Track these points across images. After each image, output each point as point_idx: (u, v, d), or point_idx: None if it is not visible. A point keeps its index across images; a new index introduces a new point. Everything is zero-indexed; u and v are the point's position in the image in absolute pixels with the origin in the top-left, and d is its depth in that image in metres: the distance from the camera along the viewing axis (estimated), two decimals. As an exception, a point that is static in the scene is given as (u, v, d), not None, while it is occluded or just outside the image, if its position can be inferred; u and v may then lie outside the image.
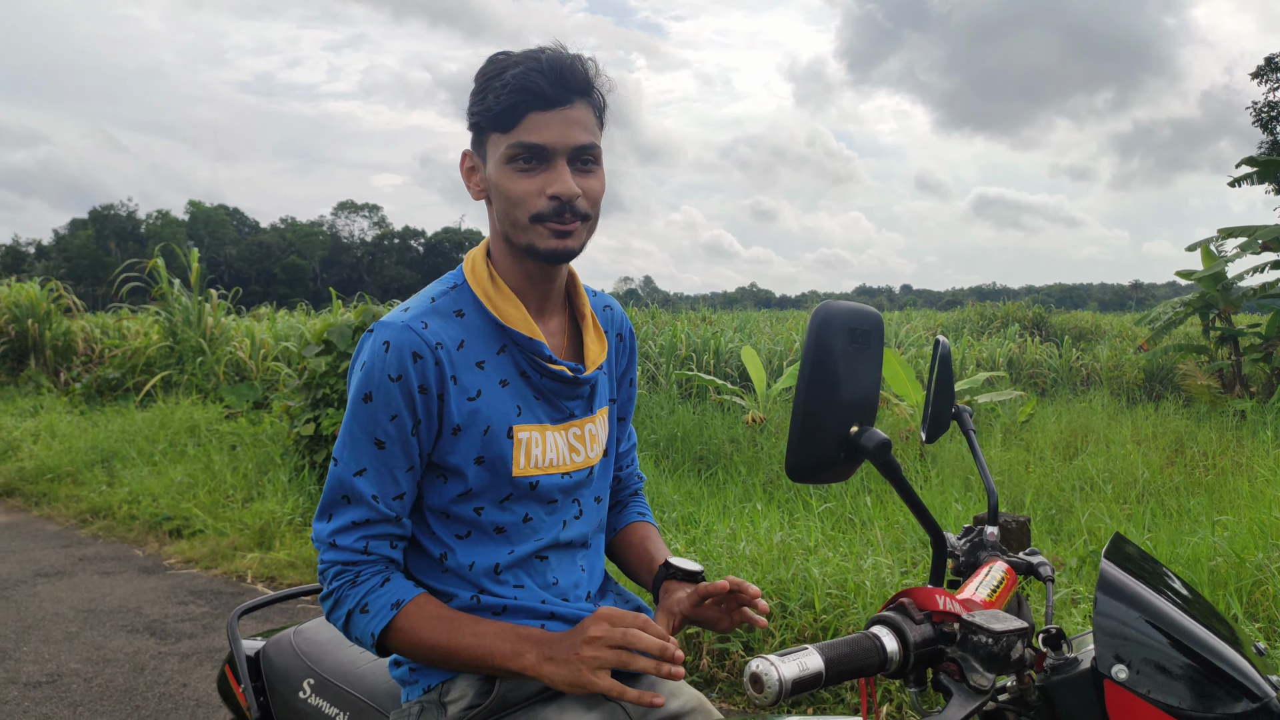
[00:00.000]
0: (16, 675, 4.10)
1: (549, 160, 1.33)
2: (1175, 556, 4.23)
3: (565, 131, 1.32)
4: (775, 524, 4.82)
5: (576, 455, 1.48)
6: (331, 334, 7.10)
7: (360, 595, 1.35)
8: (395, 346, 1.33)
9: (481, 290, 1.42)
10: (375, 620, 1.33)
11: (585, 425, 1.49)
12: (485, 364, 1.40)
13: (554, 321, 1.49)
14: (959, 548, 1.42)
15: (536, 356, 1.41)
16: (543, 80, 1.30)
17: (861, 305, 1.06)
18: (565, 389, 1.45)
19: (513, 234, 1.38)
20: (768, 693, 0.93)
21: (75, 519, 7.20)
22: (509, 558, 1.42)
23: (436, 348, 1.35)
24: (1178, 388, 11.18)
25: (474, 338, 1.40)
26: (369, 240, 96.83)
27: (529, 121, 1.32)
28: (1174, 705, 0.97)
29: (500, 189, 1.36)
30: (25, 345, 14.39)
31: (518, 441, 1.40)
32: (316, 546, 1.39)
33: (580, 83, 1.34)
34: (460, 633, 1.33)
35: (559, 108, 1.32)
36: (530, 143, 1.32)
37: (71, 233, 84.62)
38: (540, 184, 1.33)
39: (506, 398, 1.40)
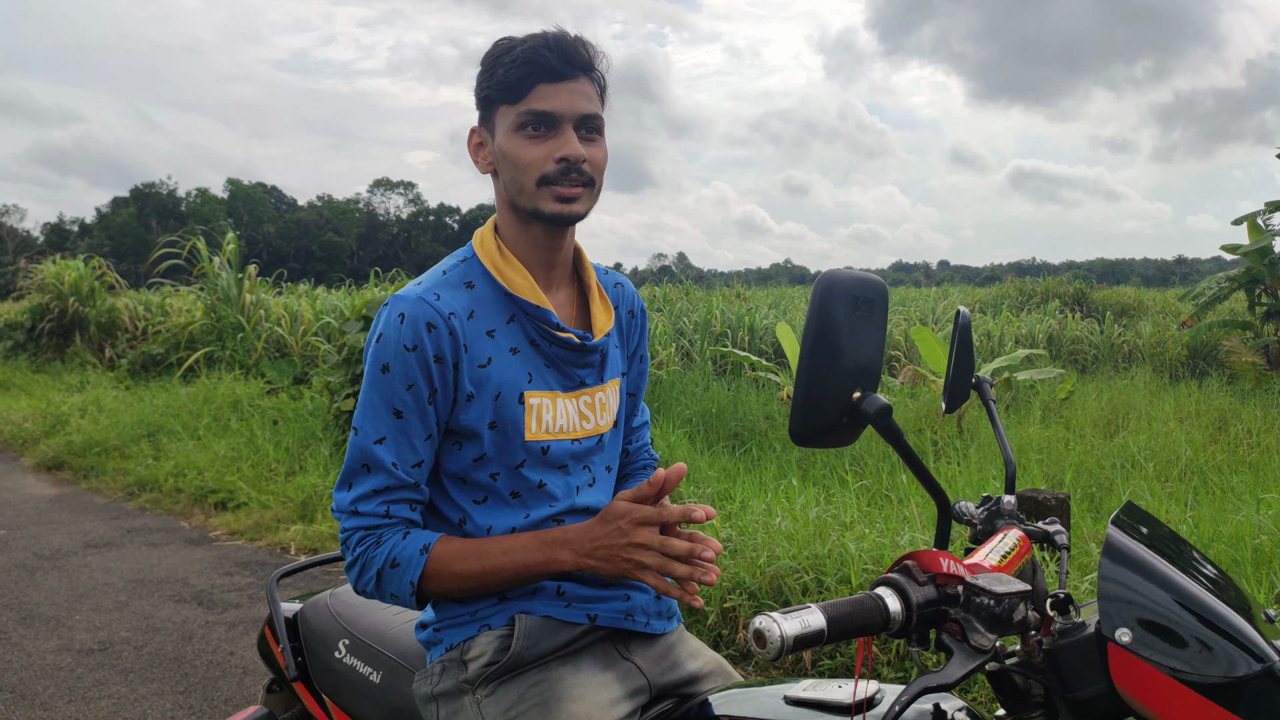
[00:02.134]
0: (70, 643, 4.23)
1: (556, 127, 1.40)
2: (1218, 535, 4.18)
3: (572, 100, 1.40)
4: (811, 500, 4.82)
5: (586, 423, 1.52)
6: (370, 310, 7.18)
7: (387, 553, 1.38)
8: (410, 318, 1.38)
9: (490, 261, 1.47)
10: (410, 570, 1.37)
11: (596, 394, 1.53)
12: (495, 332, 1.44)
13: (562, 293, 1.54)
14: (976, 516, 1.44)
15: (544, 324, 1.45)
16: (550, 55, 1.38)
17: (865, 274, 1.08)
18: (575, 356, 1.50)
19: (519, 199, 1.43)
20: (770, 648, 0.96)
21: (123, 491, 7.37)
22: (525, 521, 1.46)
23: (449, 317, 1.40)
24: (1222, 364, 11.01)
25: (484, 307, 1.44)
26: (404, 217, 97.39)
27: (538, 92, 1.39)
28: (1177, 668, 0.98)
29: (509, 156, 1.42)
30: (71, 322, 14.67)
31: (529, 407, 1.44)
32: (337, 516, 1.43)
33: (584, 60, 1.42)
34: (491, 556, 1.38)
35: (565, 80, 1.40)
36: (539, 110, 1.39)
37: (113, 211, 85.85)
38: (548, 149, 1.40)
39: (517, 365, 1.45)
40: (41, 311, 14.84)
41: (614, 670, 1.46)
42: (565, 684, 1.41)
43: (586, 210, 1.45)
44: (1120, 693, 1.02)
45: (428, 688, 1.48)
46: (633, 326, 1.67)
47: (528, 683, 1.41)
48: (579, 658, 1.45)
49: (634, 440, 1.74)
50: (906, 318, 15.20)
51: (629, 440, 1.73)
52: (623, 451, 1.72)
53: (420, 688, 1.49)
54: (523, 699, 1.40)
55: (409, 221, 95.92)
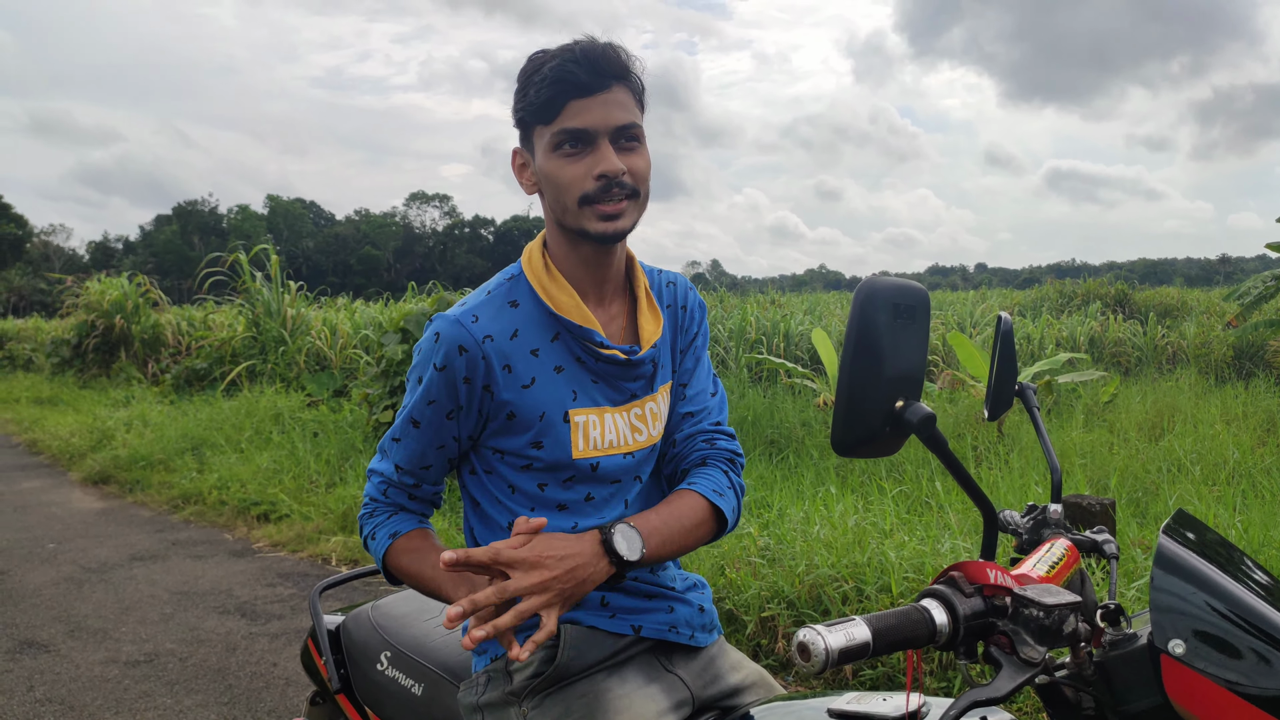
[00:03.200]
0: (117, 655, 4.29)
1: (592, 143, 1.38)
2: (1268, 539, 4.10)
3: (605, 113, 1.38)
4: (849, 507, 4.78)
5: (639, 434, 1.51)
6: (408, 322, 7.24)
7: (373, 526, 1.51)
8: (445, 338, 1.41)
9: (537, 280, 1.47)
10: (377, 547, 1.49)
11: (647, 404, 1.52)
12: (540, 351, 1.44)
13: (615, 305, 1.52)
14: (1022, 525, 1.41)
15: (589, 342, 1.45)
16: (578, 69, 1.36)
17: (906, 281, 1.07)
18: (624, 371, 1.48)
19: (564, 219, 1.43)
20: (814, 661, 0.95)
21: (167, 504, 7.48)
22: (573, 530, 1.45)
23: (484, 341, 1.41)
24: (1269, 365, 10.78)
25: (528, 326, 1.44)
26: (440, 230, 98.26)
27: (570, 109, 1.37)
28: (1233, 680, 0.96)
29: (550, 177, 1.41)
30: (115, 338, 14.95)
31: (574, 425, 1.44)
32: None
33: (616, 67, 1.39)
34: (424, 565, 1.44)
35: (597, 93, 1.38)
36: (572, 128, 1.37)
37: (157, 228, 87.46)
38: (586, 166, 1.38)
39: (561, 383, 1.44)
40: (87, 329, 15.13)
41: (659, 683, 1.46)
42: (611, 695, 1.40)
43: (633, 223, 1.43)
44: (1174, 706, 1.00)
45: (473, 698, 1.48)
46: (688, 321, 1.61)
47: (574, 695, 1.41)
48: (624, 669, 1.45)
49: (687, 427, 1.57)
50: (944, 322, 15.05)
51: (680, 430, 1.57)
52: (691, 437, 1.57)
53: (465, 698, 1.50)
54: (569, 711, 1.40)
55: (445, 234, 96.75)
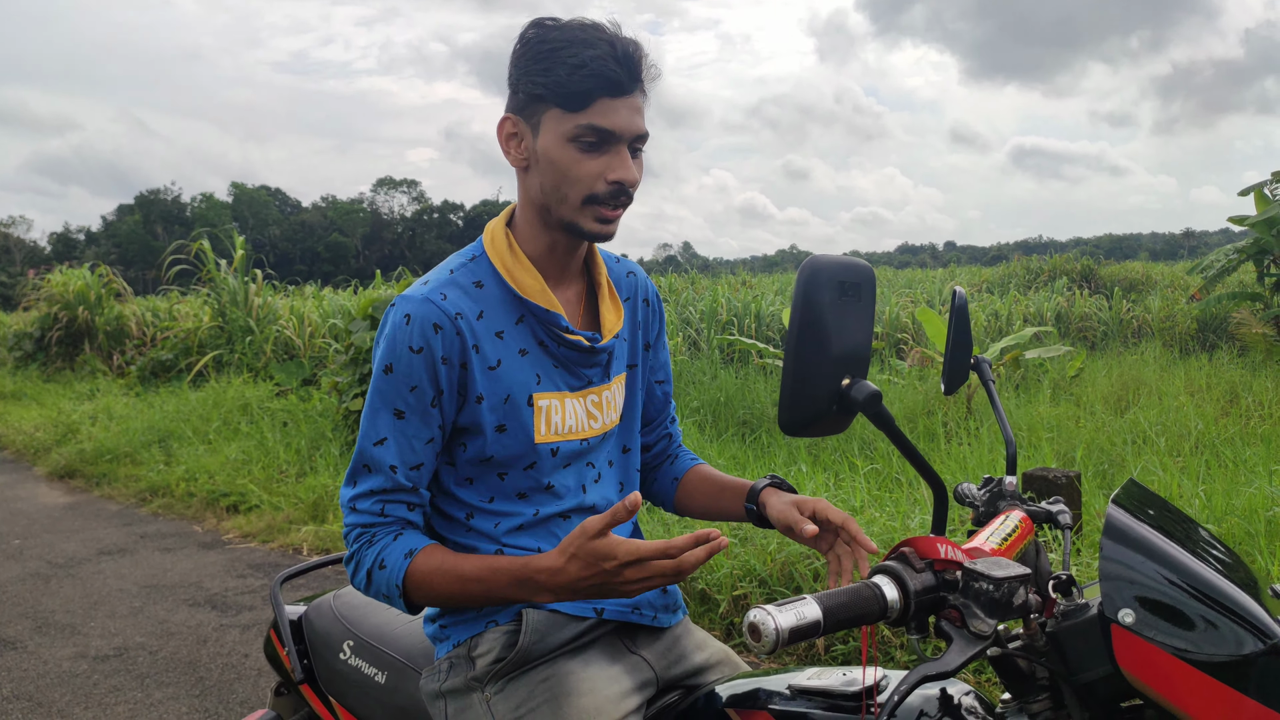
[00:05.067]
0: (86, 649, 4.24)
1: (613, 145, 1.35)
2: (1231, 508, 4.16)
3: (630, 118, 1.35)
4: (821, 485, 4.81)
5: (594, 422, 1.50)
6: (377, 309, 7.19)
7: (377, 553, 1.38)
8: (416, 319, 1.36)
9: (500, 261, 1.44)
10: (393, 572, 1.36)
11: (603, 393, 1.52)
12: (504, 334, 1.42)
13: (571, 290, 1.51)
14: (978, 498, 1.42)
15: (554, 327, 1.43)
16: (619, 69, 1.33)
17: (851, 258, 1.06)
18: (583, 357, 1.47)
19: (557, 208, 1.39)
20: (765, 641, 0.95)
21: (135, 498, 7.40)
22: (533, 519, 1.45)
23: (456, 318, 1.37)
24: (1232, 337, 10.94)
25: (493, 308, 1.42)
26: (409, 216, 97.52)
27: (600, 105, 1.33)
28: (1181, 648, 0.97)
29: (556, 165, 1.36)
30: (79, 330, 14.73)
31: (538, 409, 1.43)
32: (342, 510, 1.43)
33: (643, 71, 1.38)
34: (467, 582, 1.34)
35: (626, 96, 1.35)
36: (601, 126, 1.33)
37: (119, 218, 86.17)
38: (601, 167, 1.35)
39: (526, 366, 1.43)
40: (50, 321, 14.88)
41: (621, 663, 1.45)
42: (574, 678, 1.40)
43: (617, 228, 1.43)
44: (1125, 674, 1.01)
45: (435, 685, 1.47)
46: (649, 315, 1.64)
47: (537, 679, 1.41)
48: (587, 652, 1.45)
49: (664, 428, 1.72)
50: (914, 299, 15.15)
51: (666, 433, 1.72)
52: (660, 440, 1.72)
53: (427, 685, 1.49)
54: (532, 695, 1.39)
55: (413, 220, 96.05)
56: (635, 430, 1.62)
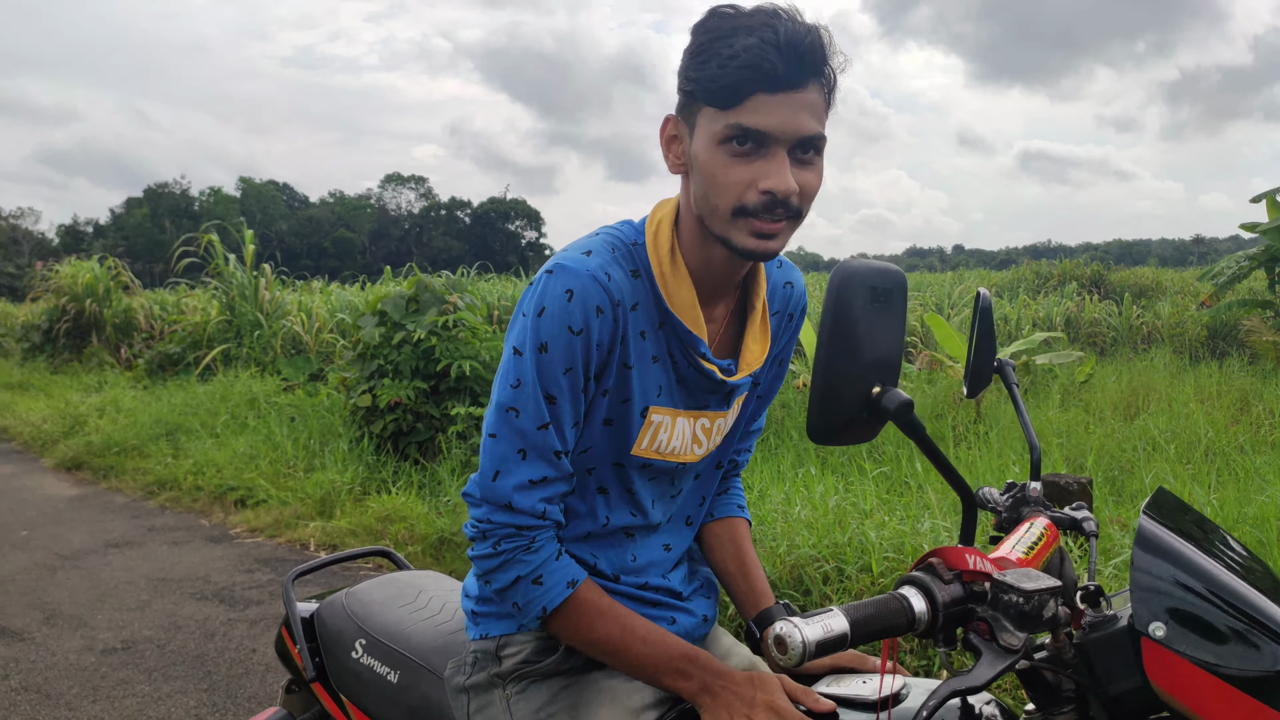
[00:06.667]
0: (93, 642, 4.25)
1: (768, 148, 1.19)
2: (1242, 516, 4.14)
3: (793, 118, 1.18)
4: (830, 488, 4.79)
5: (699, 447, 1.42)
6: (385, 304, 7.17)
7: (536, 564, 1.28)
8: (580, 296, 1.24)
9: (658, 262, 1.31)
10: (551, 595, 1.29)
11: (716, 420, 1.42)
12: (646, 334, 1.31)
13: (720, 307, 1.39)
14: (1001, 504, 1.40)
15: (691, 350, 1.33)
16: (777, 59, 1.16)
17: (883, 264, 1.04)
18: (709, 384, 1.37)
19: (709, 221, 1.26)
20: (791, 654, 0.94)
21: (143, 491, 7.40)
22: (601, 529, 1.40)
23: (618, 305, 1.26)
24: (1242, 344, 10.89)
25: (643, 304, 1.31)
26: (416, 212, 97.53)
27: (753, 103, 1.17)
28: (1213, 663, 0.95)
29: (705, 171, 1.22)
30: (87, 323, 14.75)
31: (649, 422, 1.34)
32: (478, 506, 1.30)
33: (817, 60, 1.19)
34: (631, 638, 1.30)
35: (789, 91, 1.17)
36: (751, 127, 1.18)
37: (127, 211, 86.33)
38: (753, 174, 1.19)
39: (652, 375, 1.33)
40: (58, 313, 14.91)
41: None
42: (596, 688, 1.38)
43: (784, 245, 1.26)
44: (1154, 688, 0.99)
45: (460, 679, 1.45)
46: (790, 330, 1.53)
47: (559, 684, 1.39)
48: None
49: (741, 450, 1.62)
50: (922, 303, 15.12)
51: (736, 451, 1.60)
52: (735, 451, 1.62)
53: (453, 678, 1.47)
54: (554, 699, 1.38)
55: (421, 216, 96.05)
56: (732, 447, 1.54)
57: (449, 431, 6.57)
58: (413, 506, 5.76)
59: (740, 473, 1.66)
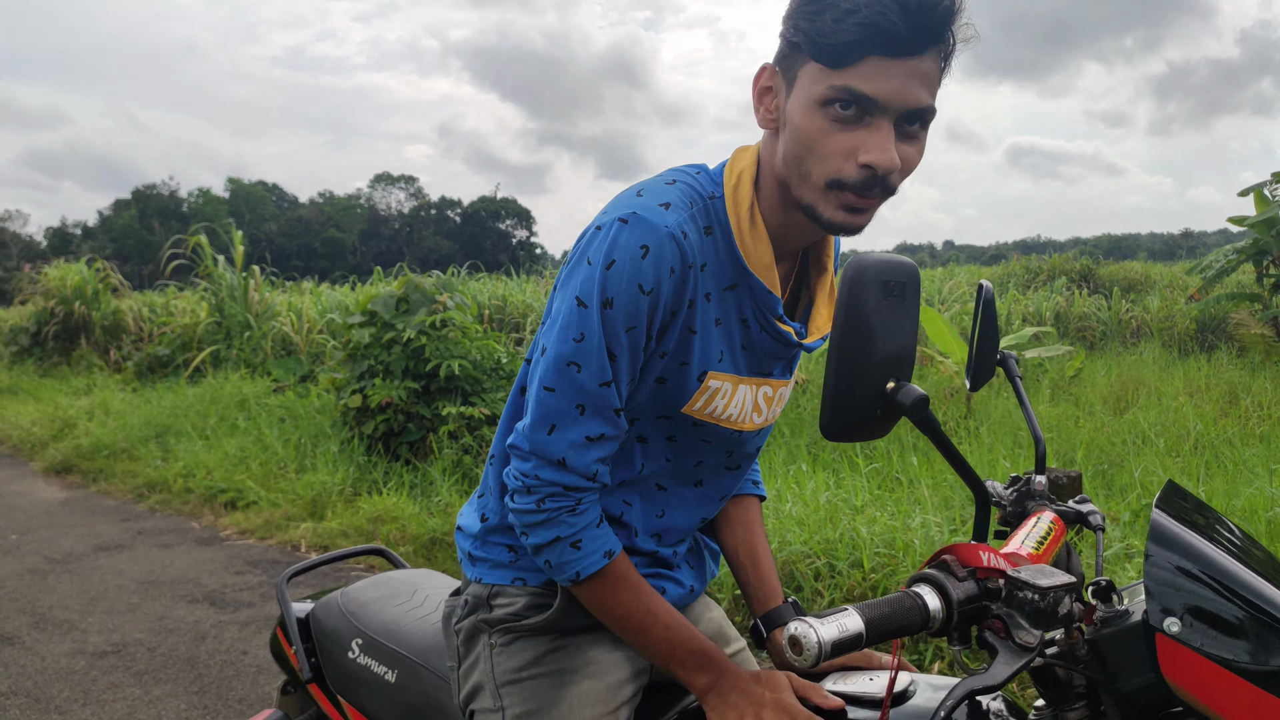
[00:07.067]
0: (84, 646, 4.23)
1: (874, 117, 1.10)
2: (1231, 508, 4.16)
3: (905, 86, 1.09)
4: (821, 484, 4.80)
5: (758, 416, 1.35)
6: (375, 305, 7.15)
7: (579, 527, 1.23)
8: (655, 254, 1.15)
9: (736, 218, 1.22)
10: (587, 562, 1.24)
11: (779, 388, 1.37)
12: (711, 296, 1.23)
13: (784, 266, 1.32)
14: (1006, 498, 1.39)
15: (767, 311, 1.26)
16: (902, 20, 1.05)
17: (896, 256, 1.02)
18: (778, 349, 1.31)
19: (797, 188, 1.17)
20: (806, 655, 0.93)
21: (132, 493, 7.37)
22: (635, 473, 1.34)
23: (690, 268, 1.18)
24: (1231, 338, 10.95)
25: (714, 263, 1.23)
26: (406, 212, 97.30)
27: (867, 65, 1.07)
28: (1229, 658, 0.94)
29: (801, 134, 1.13)
30: (76, 325, 14.68)
31: (705, 387, 1.27)
32: (526, 460, 1.23)
33: (944, 25, 1.08)
34: (654, 621, 1.27)
35: (907, 57, 1.08)
36: (860, 91, 1.08)
37: (116, 213, 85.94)
38: (854, 143, 1.11)
39: (716, 338, 1.25)
40: (46, 316, 14.84)
41: (625, 649, 1.40)
42: (582, 657, 1.36)
43: (870, 220, 1.19)
44: (1169, 684, 0.98)
45: (454, 618, 1.44)
46: None
47: (545, 646, 1.36)
48: (598, 630, 1.38)
49: None
50: (912, 299, 15.12)
51: None
52: None
53: (449, 614, 1.46)
54: (536, 662, 1.36)
55: (411, 216, 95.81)
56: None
57: (440, 432, 6.56)
58: (404, 507, 5.74)
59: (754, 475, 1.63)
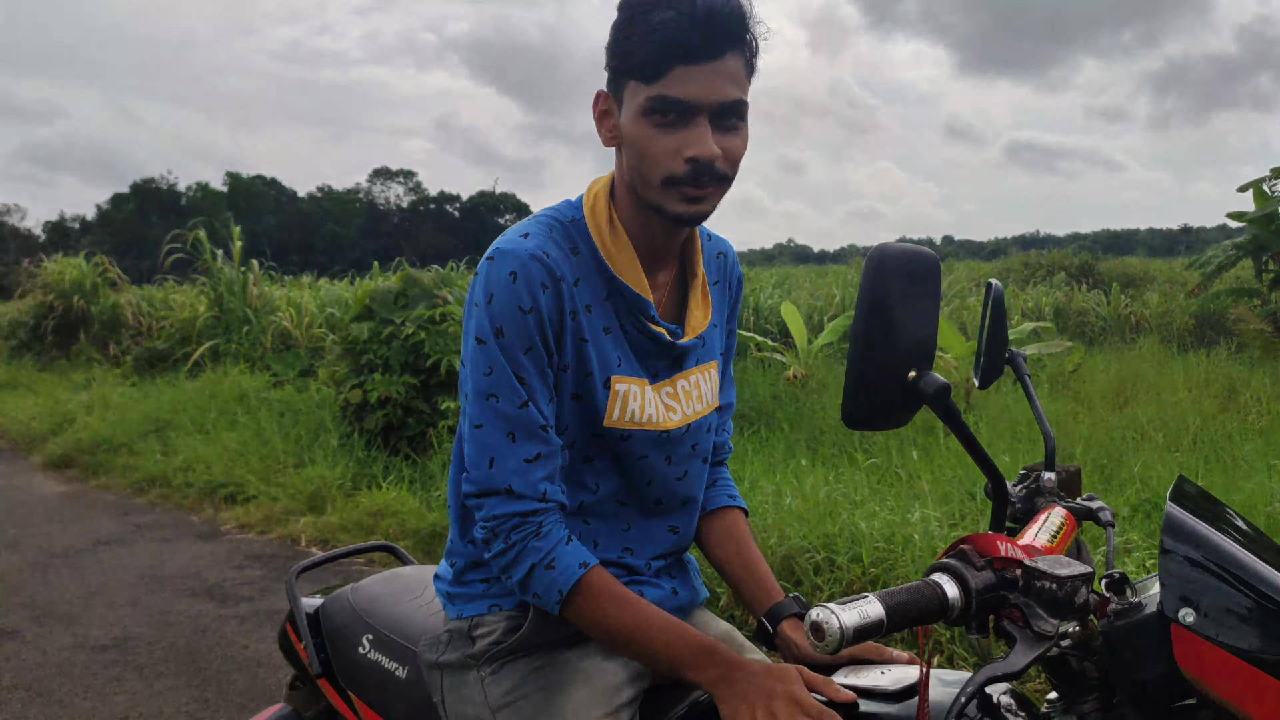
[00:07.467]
0: (85, 640, 4.23)
1: (690, 117, 1.24)
2: (1230, 503, 4.15)
3: (711, 86, 1.23)
4: (820, 479, 4.81)
5: (673, 414, 1.42)
6: (373, 300, 7.15)
7: (547, 549, 1.28)
8: (523, 277, 1.27)
9: (598, 232, 1.35)
10: (563, 578, 1.28)
11: (678, 382, 1.44)
12: (593, 308, 1.34)
13: (663, 274, 1.42)
14: (1015, 494, 1.40)
15: (639, 314, 1.36)
16: (694, 30, 1.20)
17: (918, 247, 1.02)
18: (658, 350, 1.40)
19: (642, 191, 1.31)
20: (829, 641, 0.93)
21: (132, 488, 7.38)
22: (592, 497, 1.41)
23: (559, 280, 1.30)
24: (1230, 333, 10.95)
25: (586, 278, 1.34)
26: (405, 207, 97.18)
27: (674, 75, 1.22)
28: (1243, 648, 0.95)
29: (634, 144, 1.27)
30: (75, 319, 14.67)
31: (614, 393, 1.35)
32: (479, 502, 1.30)
33: (736, 30, 1.23)
34: (647, 625, 1.29)
35: (707, 61, 1.22)
36: (672, 97, 1.22)
37: (114, 207, 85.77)
38: (678, 143, 1.24)
39: (608, 346, 1.35)
40: (45, 310, 14.82)
41: (618, 660, 1.42)
42: (570, 668, 1.39)
43: (714, 208, 1.32)
44: (1184, 674, 0.99)
45: (433, 656, 1.47)
46: (733, 301, 1.57)
47: (532, 665, 1.40)
48: (586, 643, 1.42)
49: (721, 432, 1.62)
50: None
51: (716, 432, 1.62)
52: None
53: (426, 654, 1.49)
54: (526, 680, 1.39)
55: (410, 210, 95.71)
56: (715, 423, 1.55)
57: (439, 426, 6.56)
58: (404, 501, 5.75)
59: (726, 459, 1.66)
